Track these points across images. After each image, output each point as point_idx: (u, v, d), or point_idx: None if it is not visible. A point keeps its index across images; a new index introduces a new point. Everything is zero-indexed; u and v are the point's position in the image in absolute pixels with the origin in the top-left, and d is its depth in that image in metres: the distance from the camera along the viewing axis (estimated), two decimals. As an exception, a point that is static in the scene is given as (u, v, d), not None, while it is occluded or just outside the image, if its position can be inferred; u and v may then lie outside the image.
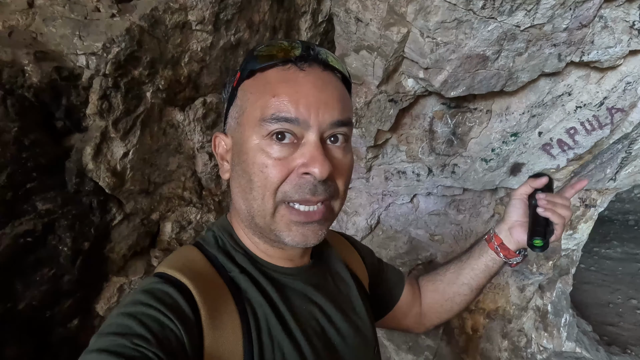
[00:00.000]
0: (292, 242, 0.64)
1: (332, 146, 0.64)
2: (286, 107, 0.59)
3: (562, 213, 0.86)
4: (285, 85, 0.61)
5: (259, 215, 0.64)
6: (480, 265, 0.96)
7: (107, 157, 1.36)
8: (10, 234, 1.18)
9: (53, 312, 1.32)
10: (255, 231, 0.69)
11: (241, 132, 0.65)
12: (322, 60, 0.64)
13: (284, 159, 0.61)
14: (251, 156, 0.62)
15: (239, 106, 0.66)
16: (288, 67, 0.62)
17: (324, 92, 0.62)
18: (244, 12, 1.55)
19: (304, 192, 0.61)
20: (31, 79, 1.16)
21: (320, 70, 0.64)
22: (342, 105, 0.64)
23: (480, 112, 1.90)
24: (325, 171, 0.59)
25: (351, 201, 2.35)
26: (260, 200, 0.63)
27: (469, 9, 1.43)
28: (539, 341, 2.42)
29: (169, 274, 0.62)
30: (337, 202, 0.67)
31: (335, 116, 0.62)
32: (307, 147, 0.60)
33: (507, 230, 0.93)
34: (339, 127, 0.63)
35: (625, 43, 1.52)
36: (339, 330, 0.72)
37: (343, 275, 0.84)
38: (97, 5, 1.25)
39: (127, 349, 0.49)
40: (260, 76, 0.64)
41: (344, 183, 0.67)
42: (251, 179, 0.62)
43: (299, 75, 0.62)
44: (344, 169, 0.66)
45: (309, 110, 0.60)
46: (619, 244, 5.14)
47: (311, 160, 0.60)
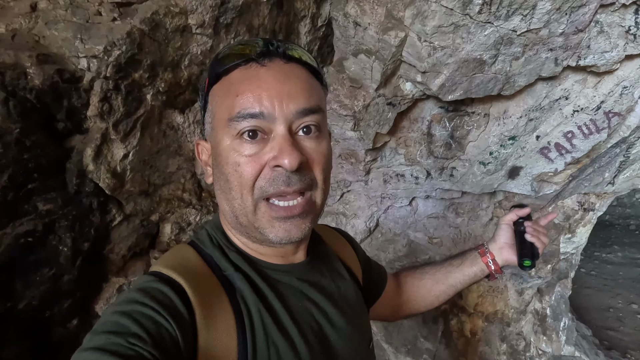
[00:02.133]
0: (276, 238, 0.64)
1: (303, 137, 0.64)
2: (250, 103, 0.60)
3: (543, 239, 1.05)
4: (247, 82, 0.62)
5: (241, 214, 0.65)
6: (471, 273, 1.08)
7: (108, 158, 1.38)
8: (11, 234, 1.19)
9: (52, 312, 1.33)
10: (241, 231, 0.69)
11: (215, 136, 0.66)
12: (284, 53, 0.64)
13: (255, 155, 0.62)
14: (224, 157, 0.64)
15: (210, 111, 0.68)
16: (249, 65, 0.63)
17: (287, 84, 0.62)
18: (243, 16, 1.57)
19: (278, 185, 0.62)
20: (33, 81, 1.17)
21: (283, 63, 0.64)
22: (308, 94, 0.64)
23: (478, 116, 1.91)
24: (294, 160, 0.60)
25: (350, 204, 2.36)
26: (239, 199, 0.64)
27: (466, 13, 1.44)
28: (537, 345, 2.41)
29: (163, 272, 0.63)
30: (317, 192, 0.67)
31: (301, 104, 0.62)
32: (276, 140, 0.61)
33: (498, 250, 1.07)
34: (306, 115, 0.63)
35: (622, 48, 1.53)
36: (335, 326, 0.73)
37: (339, 270, 0.85)
38: (98, 9, 1.27)
39: (122, 347, 0.50)
40: (226, 78, 0.65)
41: (322, 172, 0.67)
42: (228, 179, 0.64)
43: (259, 71, 0.63)
44: (319, 158, 0.66)
45: (273, 102, 0.60)
46: (619, 248, 5.12)
47: (280, 152, 0.60)
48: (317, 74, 0.70)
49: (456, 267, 1.09)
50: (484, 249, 1.09)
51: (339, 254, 0.90)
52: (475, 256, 1.09)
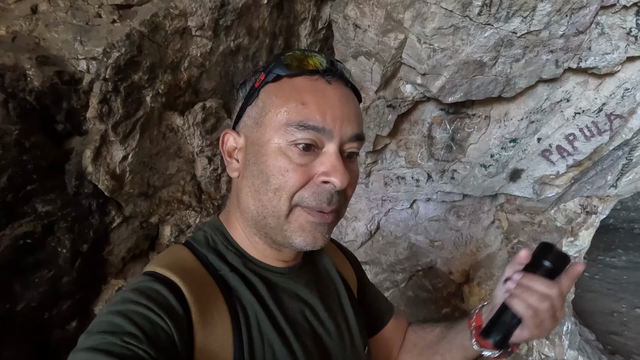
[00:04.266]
0: (303, 242, 0.65)
1: (346, 159, 0.66)
2: (314, 116, 0.61)
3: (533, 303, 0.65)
4: (314, 94, 0.63)
5: (272, 216, 0.65)
6: (457, 342, 0.83)
7: (107, 160, 1.38)
8: (10, 235, 1.19)
9: (52, 313, 1.33)
10: (260, 231, 0.69)
11: (261, 133, 0.65)
12: (344, 76, 0.68)
13: (304, 165, 0.62)
14: (272, 158, 0.63)
15: (260, 107, 0.67)
16: (316, 78, 0.65)
17: (347, 107, 0.65)
18: (243, 18, 1.57)
19: (321, 200, 0.63)
20: (33, 83, 1.18)
21: (344, 85, 0.67)
22: (360, 121, 0.68)
23: (478, 118, 1.91)
24: (345, 182, 0.62)
25: (350, 207, 2.35)
26: (276, 202, 0.63)
27: (466, 15, 1.44)
28: (540, 349, 2.39)
29: (159, 272, 0.62)
30: (343, 209, 0.70)
31: (355, 130, 0.65)
32: (328, 157, 0.63)
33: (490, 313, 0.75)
34: (355, 141, 0.66)
35: (623, 49, 1.52)
36: (329, 329, 0.73)
37: (333, 276, 0.85)
38: (98, 11, 1.28)
39: (117, 347, 0.49)
40: (288, 82, 0.65)
41: (352, 193, 0.70)
42: (269, 180, 0.63)
43: (327, 87, 0.64)
44: (354, 181, 0.69)
45: (335, 121, 0.62)
46: (623, 252, 5.08)
47: (332, 170, 0.62)
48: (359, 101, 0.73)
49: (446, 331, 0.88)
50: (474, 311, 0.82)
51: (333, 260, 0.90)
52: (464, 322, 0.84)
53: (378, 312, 0.97)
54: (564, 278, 0.67)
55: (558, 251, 0.67)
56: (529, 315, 0.65)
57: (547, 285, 0.65)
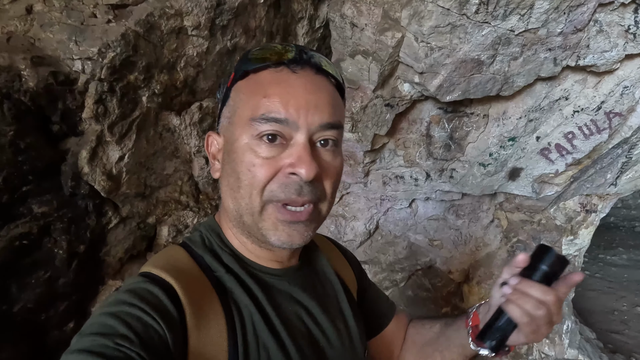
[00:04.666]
0: (278, 241, 0.64)
1: (321, 149, 0.64)
2: (276, 108, 0.60)
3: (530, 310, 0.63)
4: (276, 86, 0.62)
5: (246, 214, 0.64)
6: (456, 340, 0.82)
7: (103, 160, 1.37)
8: (6, 236, 1.19)
9: (48, 314, 1.32)
10: (243, 230, 0.69)
11: (232, 132, 0.65)
12: (315, 64, 0.65)
13: (271, 158, 0.61)
14: (240, 155, 0.63)
15: (231, 106, 0.67)
16: (280, 69, 0.63)
17: (315, 95, 0.62)
18: (240, 17, 1.57)
19: (289, 192, 0.61)
20: (28, 84, 1.17)
21: (313, 74, 0.64)
22: (333, 109, 0.64)
23: (477, 117, 1.90)
24: (312, 172, 0.60)
25: (349, 206, 2.35)
26: (247, 199, 0.63)
27: (463, 13, 1.43)
28: (540, 348, 2.39)
29: (154, 273, 0.62)
30: (324, 204, 0.67)
31: (325, 119, 0.62)
32: (295, 148, 0.61)
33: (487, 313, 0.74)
34: (327, 129, 0.63)
35: (621, 47, 1.52)
36: (325, 331, 0.72)
37: (331, 278, 0.84)
38: (93, 11, 1.27)
39: (109, 349, 0.49)
40: (253, 77, 0.64)
41: (332, 186, 0.67)
42: (239, 177, 0.63)
43: (290, 77, 0.63)
44: (332, 172, 0.66)
45: (299, 111, 0.60)
46: (624, 250, 5.08)
47: (298, 161, 0.60)
48: (340, 90, 0.70)
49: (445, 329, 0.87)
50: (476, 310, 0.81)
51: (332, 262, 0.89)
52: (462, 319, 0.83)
53: (379, 313, 0.95)
54: (561, 285, 0.65)
55: (556, 254, 0.65)
56: (525, 322, 0.64)
57: (544, 292, 0.63)
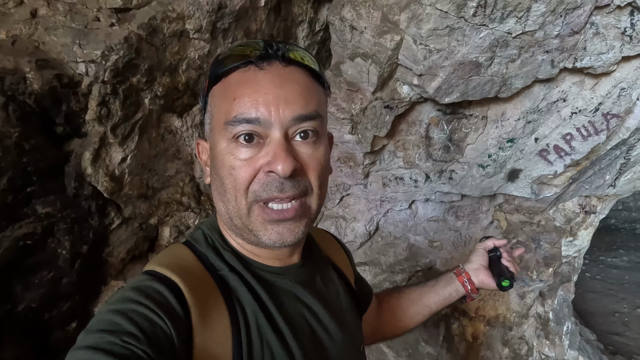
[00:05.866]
0: (269, 241, 0.64)
1: (300, 142, 0.63)
2: (246, 109, 0.60)
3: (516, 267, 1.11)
4: (244, 86, 0.61)
5: (235, 216, 0.65)
6: (445, 293, 1.09)
7: (106, 162, 1.39)
8: (10, 236, 1.20)
9: (52, 314, 1.34)
10: (237, 233, 0.69)
11: (212, 137, 0.66)
12: (283, 56, 0.63)
13: (250, 159, 0.61)
14: (220, 159, 0.63)
15: (209, 112, 0.67)
16: (248, 68, 0.63)
17: (283, 89, 0.61)
18: (241, 21, 1.59)
19: (271, 190, 0.61)
20: (32, 86, 1.20)
21: (282, 67, 0.63)
22: (305, 99, 0.63)
23: (475, 119, 1.91)
24: (288, 167, 0.59)
25: (349, 207, 2.36)
26: (234, 202, 0.64)
27: (461, 16, 1.45)
28: (540, 349, 2.39)
29: (158, 271, 0.62)
30: (312, 198, 0.67)
31: (297, 111, 0.61)
32: (271, 146, 0.61)
33: (474, 271, 1.10)
34: (302, 122, 0.62)
35: (618, 49, 1.53)
36: (327, 328, 0.73)
37: (331, 274, 0.85)
38: (97, 15, 1.30)
39: (117, 346, 0.49)
40: (225, 80, 0.64)
41: (318, 178, 0.66)
42: (223, 181, 0.64)
43: (258, 74, 0.62)
44: (315, 164, 0.65)
45: (269, 108, 0.60)
46: (625, 252, 5.08)
47: (274, 158, 0.60)
48: (318, 77, 0.69)
49: (430, 287, 1.11)
50: (459, 269, 1.12)
51: (332, 257, 0.90)
52: (450, 276, 1.11)
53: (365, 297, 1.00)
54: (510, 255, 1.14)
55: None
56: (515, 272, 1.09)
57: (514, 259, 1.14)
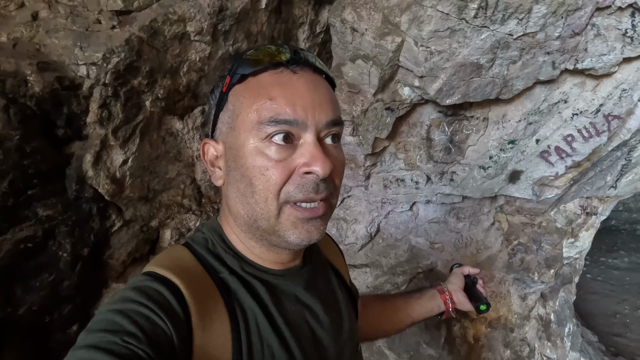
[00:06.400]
0: (297, 239, 0.64)
1: (328, 145, 0.65)
2: (284, 110, 0.60)
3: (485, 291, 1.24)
4: (280, 88, 0.62)
5: (262, 218, 0.64)
6: (428, 307, 1.18)
7: (107, 164, 1.39)
8: (11, 239, 1.20)
9: (52, 317, 1.33)
10: (254, 235, 0.68)
11: (236, 137, 0.65)
12: (311, 64, 0.66)
13: (284, 160, 0.61)
14: (250, 160, 0.62)
15: (231, 111, 0.66)
16: (280, 70, 0.64)
17: (317, 94, 0.63)
18: (242, 23, 1.59)
19: (307, 191, 0.62)
20: (33, 89, 1.19)
21: (311, 73, 0.66)
22: (333, 105, 0.66)
23: (477, 120, 1.91)
24: (327, 169, 0.61)
25: (350, 209, 2.35)
26: (263, 203, 0.63)
27: (462, 18, 1.45)
28: (542, 351, 2.38)
29: (159, 272, 0.62)
30: (334, 198, 0.69)
31: (330, 116, 0.64)
32: (307, 147, 0.62)
33: (454, 291, 1.21)
34: (332, 126, 0.65)
35: (619, 50, 1.53)
36: (327, 329, 0.73)
37: (330, 274, 0.86)
38: (98, 17, 1.30)
39: (117, 346, 0.49)
40: (253, 80, 0.64)
41: (340, 180, 0.69)
42: (252, 182, 0.62)
43: (292, 78, 0.63)
44: (339, 166, 0.68)
45: (306, 111, 0.61)
46: (626, 253, 5.07)
47: (312, 160, 0.61)
48: (333, 87, 0.72)
49: (415, 299, 1.18)
50: (442, 287, 1.22)
51: (330, 258, 0.91)
52: (434, 293, 1.20)
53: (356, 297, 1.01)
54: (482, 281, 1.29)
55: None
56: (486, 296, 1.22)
57: None
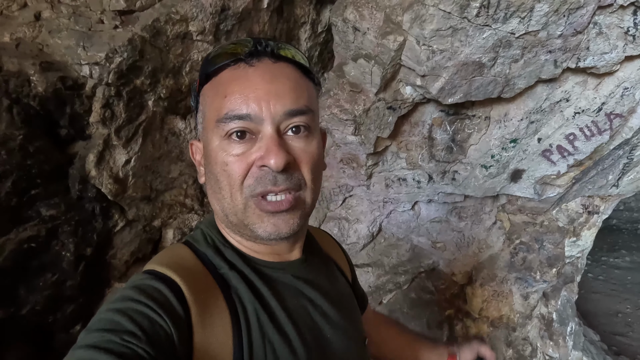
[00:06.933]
0: (265, 233, 0.64)
1: (292, 137, 0.64)
2: (237, 105, 0.61)
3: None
4: (235, 83, 0.62)
5: (231, 213, 0.65)
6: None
7: (110, 164, 1.39)
8: (15, 239, 1.20)
9: (55, 317, 1.34)
10: (233, 230, 0.69)
11: (205, 136, 0.66)
12: (272, 52, 0.64)
13: (242, 154, 0.62)
14: (213, 157, 0.64)
15: (201, 111, 0.68)
16: (238, 65, 0.64)
17: (274, 84, 0.62)
18: (244, 22, 1.59)
19: (265, 184, 0.62)
20: (36, 89, 1.20)
21: (271, 63, 0.64)
22: (296, 94, 0.64)
23: (478, 119, 1.91)
24: (280, 161, 0.60)
25: (352, 208, 2.36)
26: (229, 199, 0.64)
27: (464, 17, 1.45)
28: (544, 350, 2.38)
29: (158, 270, 0.62)
30: (306, 192, 0.67)
31: (288, 106, 0.62)
32: (263, 141, 0.62)
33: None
34: (294, 116, 0.63)
35: (621, 49, 1.53)
36: (331, 322, 0.73)
37: (333, 270, 0.85)
38: (101, 17, 1.30)
39: (117, 345, 0.49)
40: (215, 79, 0.65)
41: (310, 172, 0.66)
42: (217, 178, 0.64)
43: (247, 71, 0.63)
44: (307, 157, 0.66)
45: (260, 104, 0.60)
46: (627, 253, 5.07)
47: (266, 153, 0.61)
48: (308, 73, 0.70)
49: (428, 348, 1.12)
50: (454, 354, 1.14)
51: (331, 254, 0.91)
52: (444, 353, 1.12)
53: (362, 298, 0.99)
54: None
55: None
56: None
57: None
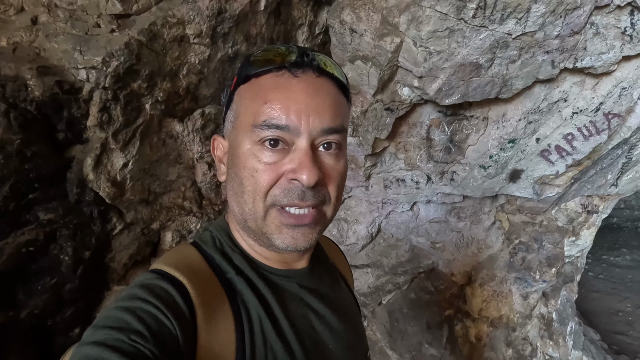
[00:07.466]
0: (282, 244, 0.64)
1: (323, 153, 0.64)
2: (277, 114, 0.60)
3: None
4: (277, 91, 0.61)
5: (250, 219, 0.65)
6: None
7: (107, 167, 1.39)
8: (13, 243, 1.21)
9: (55, 320, 1.34)
10: (249, 234, 0.69)
11: (235, 136, 0.66)
12: (317, 66, 0.63)
13: (274, 164, 0.61)
14: (242, 160, 0.63)
15: (234, 110, 0.67)
16: (282, 73, 0.63)
17: (315, 99, 0.61)
18: (240, 25, 1.59)
19: (292, 197, 0.62)
20: (34, 93, 1.20)
21: (314, 77, 0.63)
22: (334, 112, 0.63)
23: (476, 120, 1.91)
24: (313, 178, 0.60)
25: (351, 209, 2.36)
26: (251, 204, 0.63)
27: (460, 18, 1.45)
28: (544, 350, 2.38)
29: (166, 270, 0.62)
30: (329, 207, 0.67)
31: (326, 123, 0.62)
32: (297, 154, 0.61)
33: None
34: (329, 134, 0.62)
35: (618, 49, 1.53)
36: (333, 332, 0.73)
37: (337, 279, 0.85)
38: (97, 21, 1.30)
39: (124, 344, 0.49)
40: (255, 81, 0.64)
41: (336, 189, 0.67)
42: (242, 182, 0.63)
43: (291, 81, 0.62)
44: (335, 175, 0.66)
45: (300, 117, 0.60)
46: (628, 251, 5.06)
47: (299, 167, 0.60)
48: (344, 90, 0.69)
49: None
50: None
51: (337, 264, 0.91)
52: None
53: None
54: None
55: None
56: None
57: None
